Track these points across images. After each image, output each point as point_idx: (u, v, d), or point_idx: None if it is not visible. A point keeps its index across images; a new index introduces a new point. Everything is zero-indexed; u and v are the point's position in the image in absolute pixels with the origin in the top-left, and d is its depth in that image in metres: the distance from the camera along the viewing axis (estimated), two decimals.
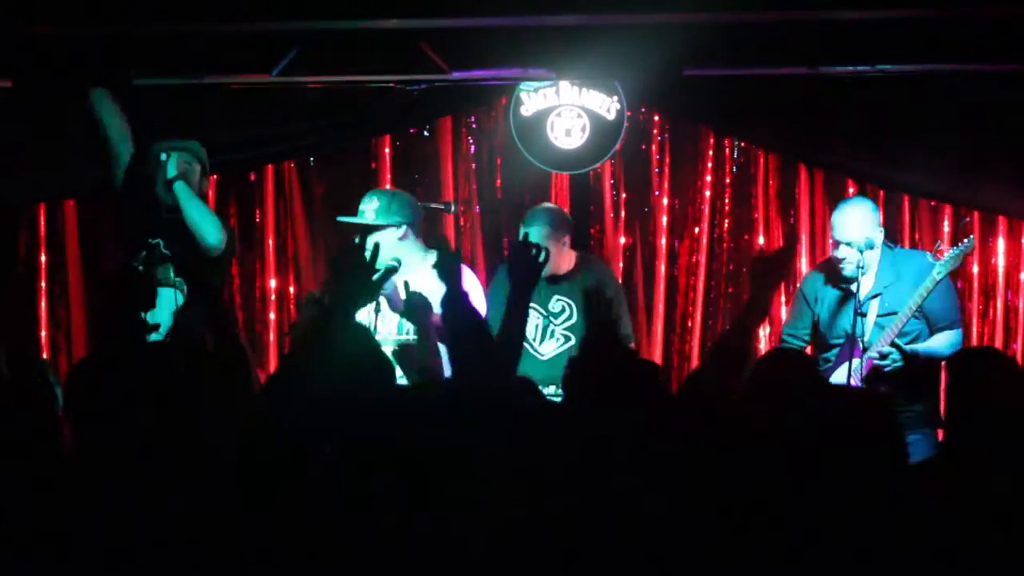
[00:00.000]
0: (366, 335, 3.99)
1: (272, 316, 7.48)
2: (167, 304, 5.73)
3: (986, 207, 7.22)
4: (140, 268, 5.79)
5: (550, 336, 6.41)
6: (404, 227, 5.84)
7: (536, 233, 6.12)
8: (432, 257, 5.76)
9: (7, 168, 6.79)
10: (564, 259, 6.41)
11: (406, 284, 5.51)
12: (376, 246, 3.87)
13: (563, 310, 6.41)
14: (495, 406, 3.20)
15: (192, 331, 4.79)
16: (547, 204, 6.78)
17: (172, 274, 5.88)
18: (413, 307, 5.44)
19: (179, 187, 6.01)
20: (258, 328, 7.44)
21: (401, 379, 5.00)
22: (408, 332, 5.70)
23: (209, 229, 5.99)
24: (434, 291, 5.10)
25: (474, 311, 4.18)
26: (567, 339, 6.40)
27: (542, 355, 6.40)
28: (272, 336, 7.45)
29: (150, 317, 5.66)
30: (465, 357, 3.92)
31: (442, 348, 5.33)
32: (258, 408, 3.50)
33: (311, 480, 3.02)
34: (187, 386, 3.34)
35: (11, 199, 7.05)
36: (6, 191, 6.92)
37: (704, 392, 3.80)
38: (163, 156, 6.03)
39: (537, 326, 6.38)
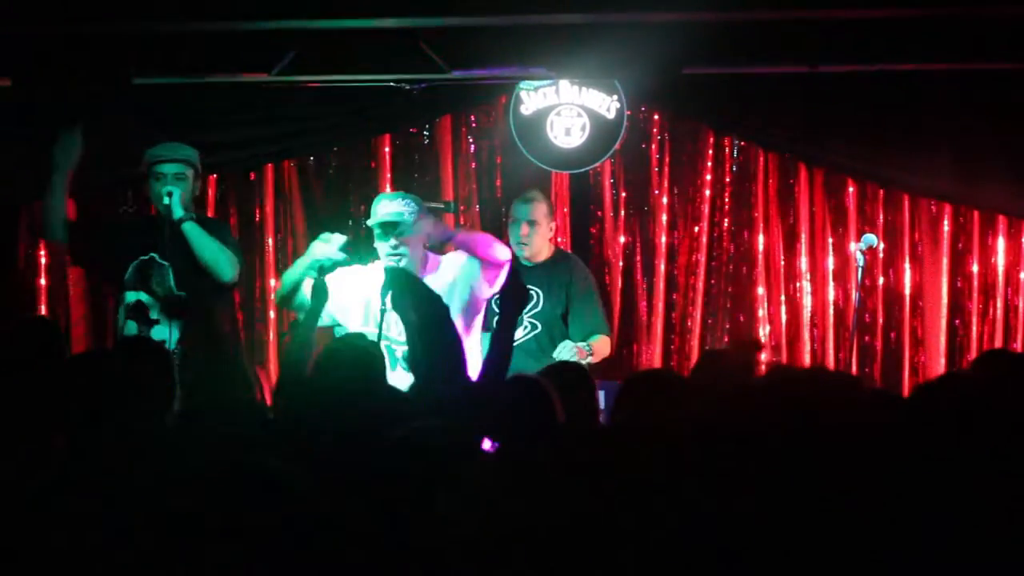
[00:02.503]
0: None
1: (272, 315, 7.47)
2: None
3: (986, 207, 7.22)
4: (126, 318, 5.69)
5: (518, 324, 6.28)
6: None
7: (539, 210, 6.37)
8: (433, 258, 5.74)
9: (7, 167, 6.79)
10: (546, 245, 6.46)
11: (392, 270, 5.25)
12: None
13: (531, 298, 6.25)
14: None
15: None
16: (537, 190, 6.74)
17: (173, 284, 5.81)
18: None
19: (188, 228, 5.73)
20: (258, 328, 7.44)
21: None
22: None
23: (222, 266, 5.76)
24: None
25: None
26: (533, 327, 6.31)
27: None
28: (272, 336, 7.44)
29: (155, 332, 5.68)
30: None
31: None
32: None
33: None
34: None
35: (11, 199, 7.04)
36: (6, 191, 6.92)
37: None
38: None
39: None
